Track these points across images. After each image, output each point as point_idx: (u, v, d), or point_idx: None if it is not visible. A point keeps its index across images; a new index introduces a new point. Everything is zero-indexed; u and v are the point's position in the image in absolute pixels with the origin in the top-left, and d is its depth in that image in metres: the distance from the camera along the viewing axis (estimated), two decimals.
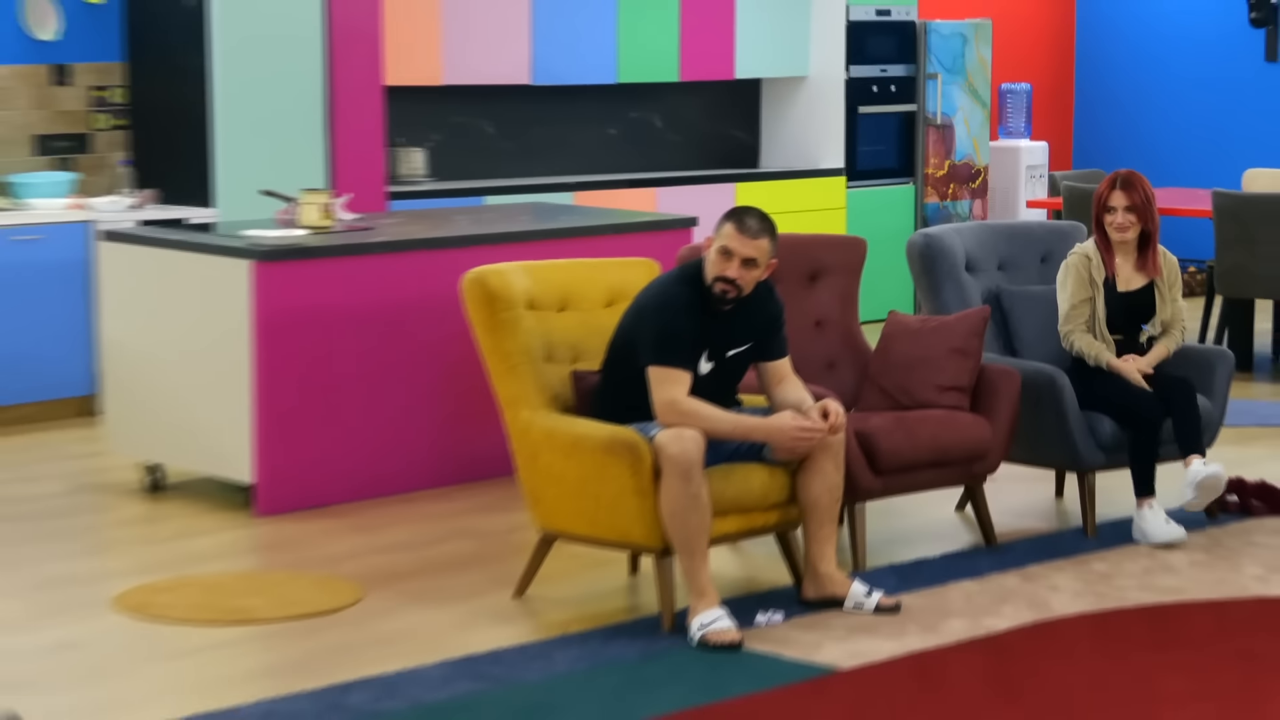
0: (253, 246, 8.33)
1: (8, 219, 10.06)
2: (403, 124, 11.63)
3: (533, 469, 7.02)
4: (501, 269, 7.19)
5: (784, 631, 6.72)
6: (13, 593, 7.22)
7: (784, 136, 13.58)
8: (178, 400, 8.58)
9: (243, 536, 8.07)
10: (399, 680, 6.21)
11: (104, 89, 10.91)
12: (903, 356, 7.76)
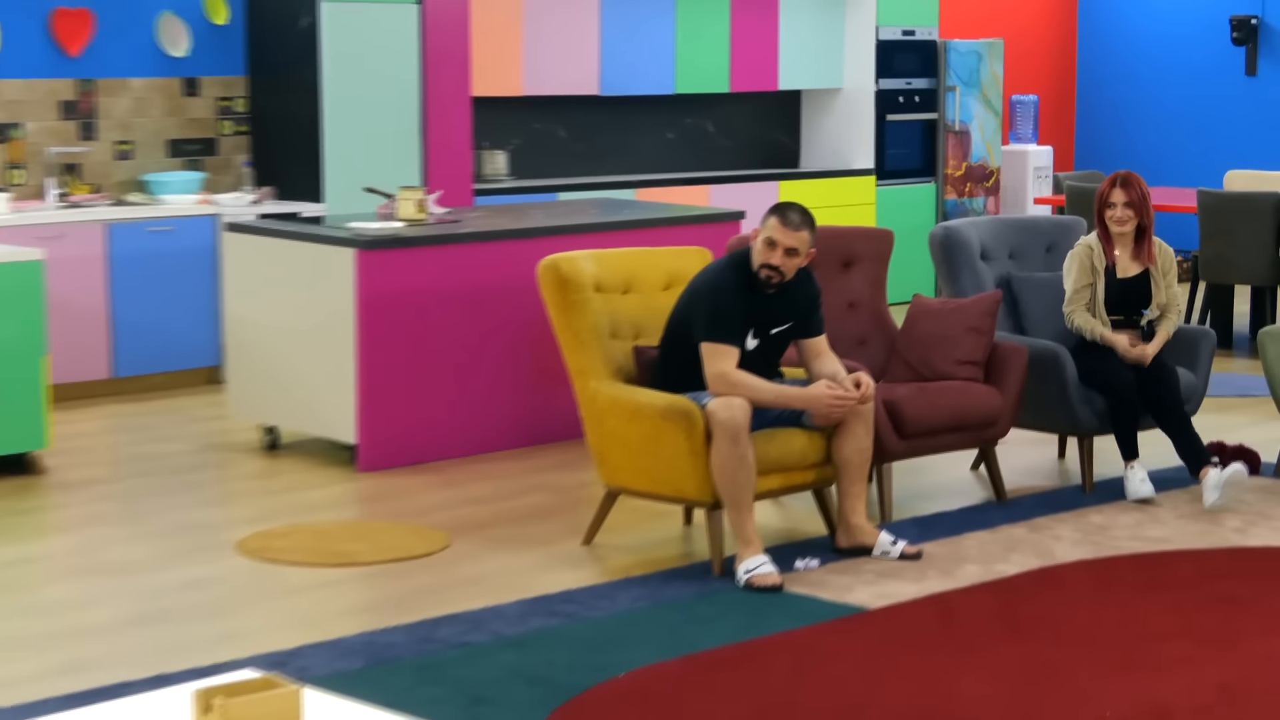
0: (356, 237, 8.34)
1: (146, 213, 10.10)
2: (487, 130, 11.63)
3: (599, 432, 7.01)
4: (572, 256, 7.18)
5: (819, 576, 6.71)
6: (149, 538, 7.24)
7: (821, 140, 13.56)
8: (291, 370, 8.59)
9: (347, 490, 8.08)
10: (482, 616, 6.21)
11: (228, 99, 10.93)
12: (925, 334, 7.75)
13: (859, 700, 5.43)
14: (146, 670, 5.65)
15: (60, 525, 7.62)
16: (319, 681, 5.38)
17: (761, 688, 5.54)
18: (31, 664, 5.78)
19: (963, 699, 5.44)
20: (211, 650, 5.85)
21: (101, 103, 10.45)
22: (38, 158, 10.22)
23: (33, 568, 6.99)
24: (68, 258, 9.66)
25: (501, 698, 5.42)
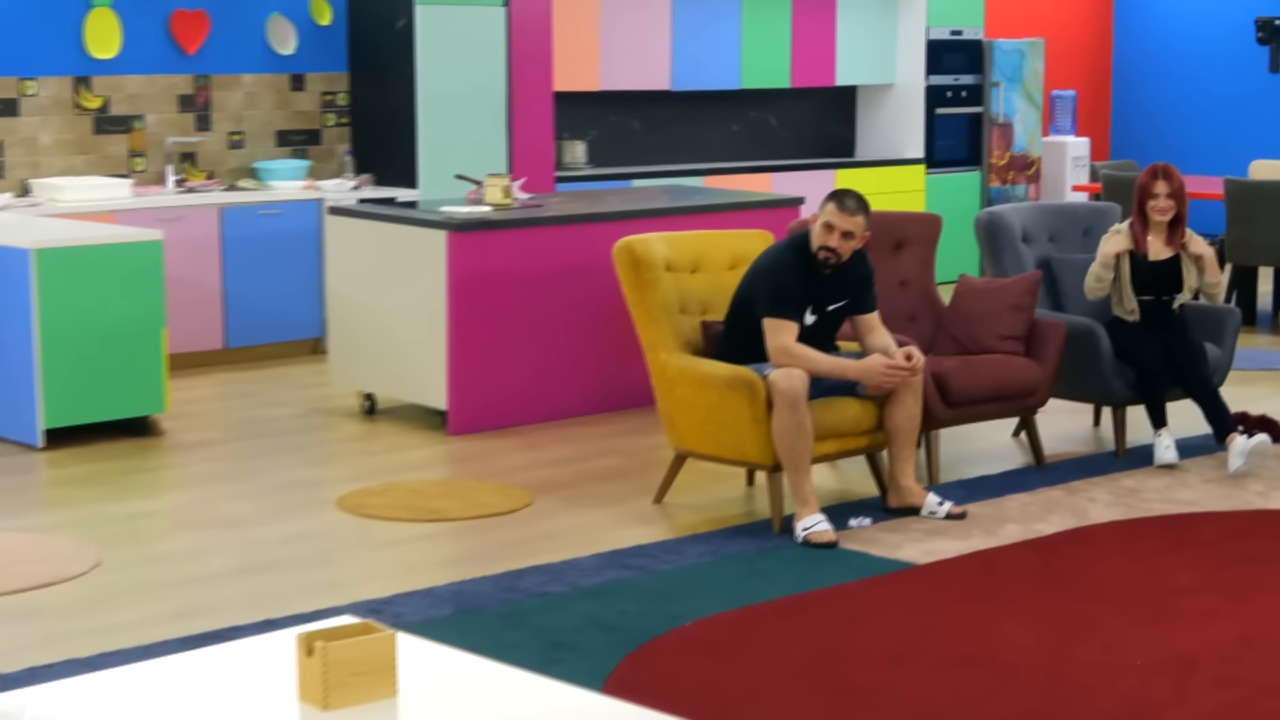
0: (448, 220, 8.35)
1: (256, 197, 10.14)
2: (567, 122, 11.62)
3: (669, 400, 7.00)
4: (645, 238, 7.18)
5: (871, 534, 6.69)
6: (258, 495, 7.27)
7: (875, 132, 13.50)
8: (387, 342, 8.61)
9: (438, 452, 8.09)
10: (561, 568, 6.21)
11: (331, 94, 10.95)
12: (970, 311, 7.72)
13: (907, 647, 5.41)
14: (254, 616, 5.68)
15: (177, 483, 7.67)
16: (411, 627, 5.40)
17: (817, 635, 5.53)
18: (151, 609, 5.82)
19: (1003, 646, 5.42)
20: (314, 598, 5.88)
21: (216, 96, 10.49)
22: (158, 147, 10.27)
23: (152, 521, 7.03)
24: (185, 238, 9.71)
25: (578, 643, 5.43)
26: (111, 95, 10.10)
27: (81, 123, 10.02)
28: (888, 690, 5.07)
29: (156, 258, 8.27)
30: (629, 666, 5.23)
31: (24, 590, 5.99)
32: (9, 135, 9.76)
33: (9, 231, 8.27)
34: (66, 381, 8.01)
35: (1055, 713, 4.89)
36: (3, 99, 9.72)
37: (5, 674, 5.09)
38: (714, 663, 5.31)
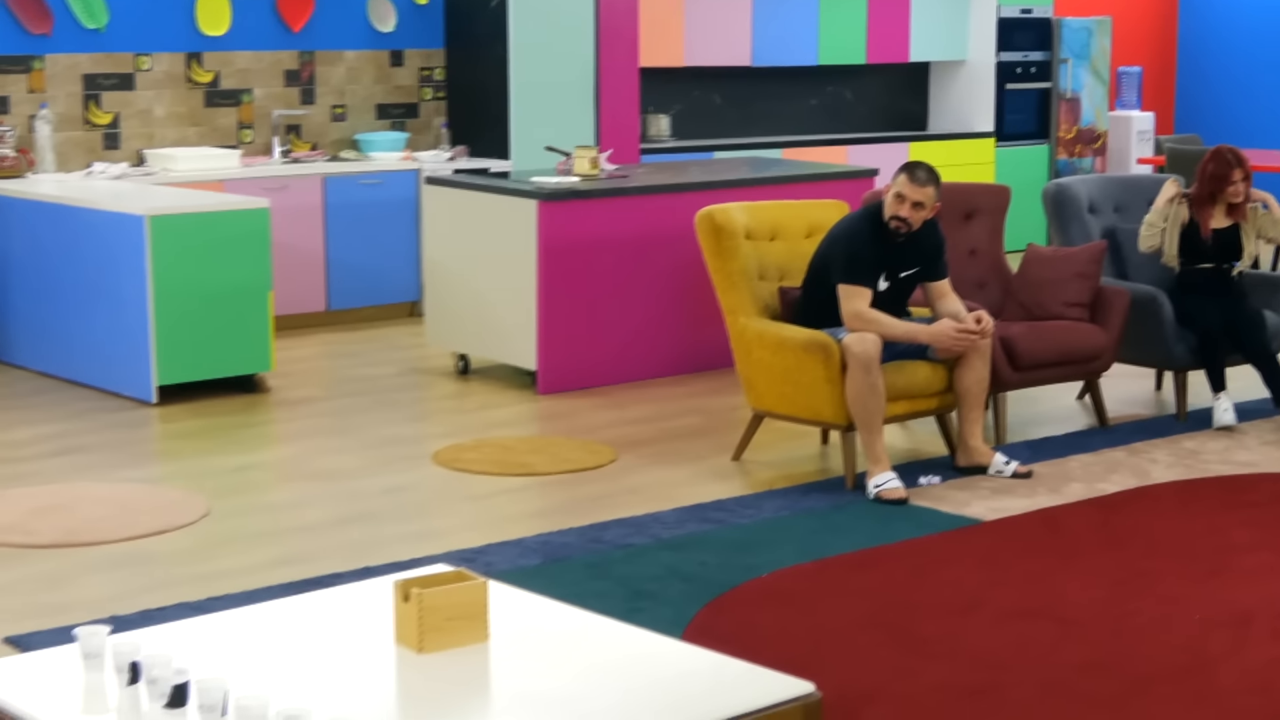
0: (538, 189, 8.36)
1: (357, 167, 10.18)
2: (652, 96, 11.60)
3: (747, 362, 6.99)
4: (726, 208, 7.16)
5: (940, 491, 6.66)
6: (358, 449, 7.31)
7: (947, 106, 13.39)
8: (481, 305, 8.63)
9: (527, 410, 8.11)
10: (644, 521, 6.22)
11: (429, 69, 10.97)
12: (1037, 278, 7.67)
13: (974, 600, 5.39)
14: (354, 563, 5.71)
15: (281, 437, 7.73)
16: (501, 576, 5.41)
17: (887, 587, 5.52)
18: (257, 556, 5.87)
19: (1066, 600, 5.39)
20: (409, 547, 5.91)
21: (320, 71, 10.54)
22: (265, 119, 10.33)
23: (258, 473, 7.09)
24: (290, 206, 9.76)
25: (659, 592, 5.43)
26: (221, 70, 10.16)
27: (193, 96, 10.09)
28: (954, 640, 5.05)
29: (263, 224, 8.32)
30: (707, 615, 5.23)
31: (137, 538, 6.05)
32: (125, 108, 9.84)
33: (125, 199, 8.35)
34: (178, 341, 8.08)
35: (1115, 664, 4.86)
36: (120, 74, 9.80)
37: (120, 616, 5.15)
38: (788, 612, 5.31)
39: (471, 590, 3.70)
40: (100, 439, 7.46)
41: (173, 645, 3.68)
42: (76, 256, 8.39)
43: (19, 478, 6.82)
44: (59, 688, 3.50)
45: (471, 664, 3.61)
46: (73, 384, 8.46)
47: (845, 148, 12.21)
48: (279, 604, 4.05)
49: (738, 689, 3.49)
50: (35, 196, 8.67)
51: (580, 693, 3.46)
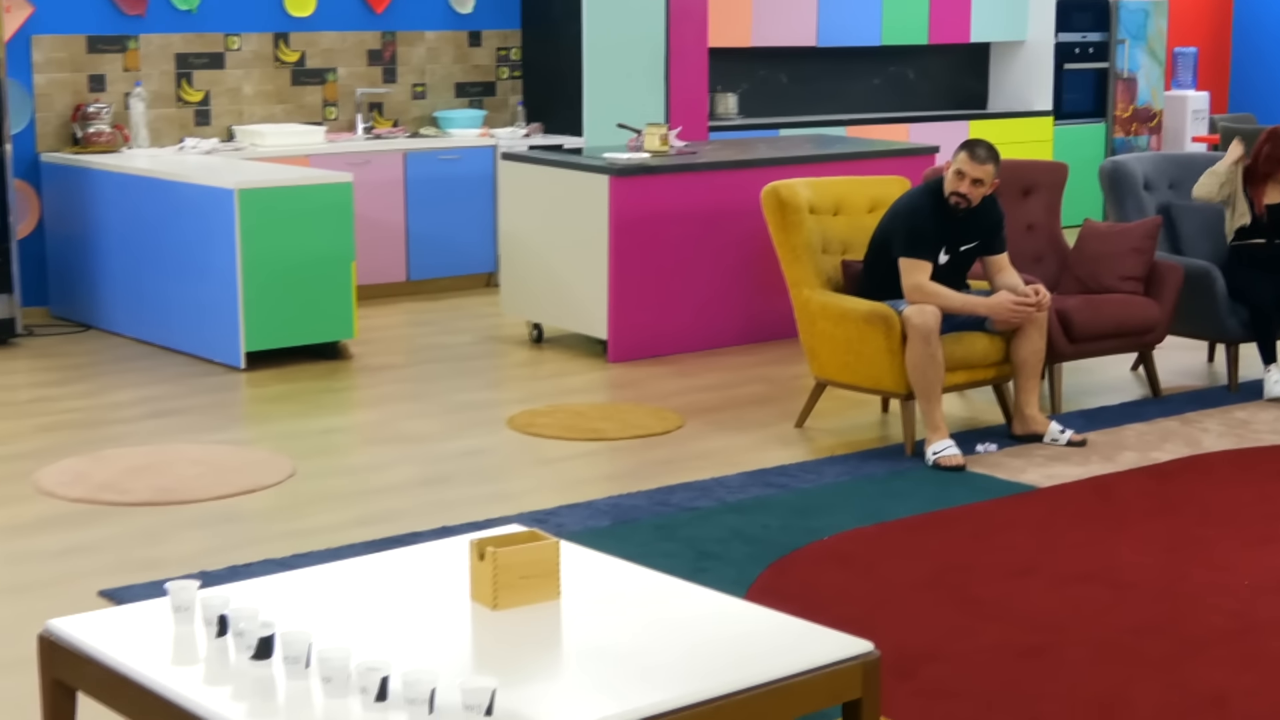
0: (610, 165, 8.35)
1: (436, 143, 10.20)
2: (720, 75, 11.57)
3: (810, 332, 6.97)
4: (791, 183, 7.14)
5: (997, 458, 6.63)
6: (436, 414, 7.34)
7: (1007, 86, 13.28)
8: (554, 276, 8.64)
9: (598, 377, 8.12)
10: (709, 485, 6.22)
11: (505, 49, 10.98)
12: (1093, 253, 7.61)
13: (1029, 563, 5.37)
14: (432, 523, 5.74)
15: (364, 402, 7.76)
16: (573, 536, 5.43)
17: (945, 551, 5.50)
18: (340, 515, 5.91)
19: (1119, 565, 5.36)
20: (485, 508, 5.93)
21: (401, 51, 10.56)
22: (349, 97, 10.36)
23: (341, 436, 7.13)
24: (372, 181, 9.80)
25: (724, 553, 5.43)
26: (307, 50, 10.20)
27: (280, 75, 10.13)
28: (1009, 602, 5.03)
29: (347, 198, 8.35)
30: (770, 576, 5.23)
31: (227, 497, 6.10)
32: (216, 86, 9.89)
33: (215, 173, 8.40)
34: (266, 309, 8.13)
35: (1167, 627, 4.83)
36: (210, 53, 9.85)
37: (210, 571, 5.20)
38: (848, 574, 5.30)
39: (544, 550, 3.71)
40: (192, 403, 7.52)
41: (259, 599, 3.70)
42: (169, 228, 8.45)
43: (115, 439, 6.89)
44: (151, 639, 3.53)
45: (543, 620, 3.61)
46: (166, 350, 8.53)
47: (907, 125, 12.14)
48: (360, 561, 4.07)
49: (799, 647, 3.48)
50: (130, 171, 8.74)
51: (647, 648, 3.46)
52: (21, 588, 5.17)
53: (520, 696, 3.20)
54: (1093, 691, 4.36)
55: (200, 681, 3.31)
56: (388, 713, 3.11)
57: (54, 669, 3.60)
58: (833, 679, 3.43)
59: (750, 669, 3.36)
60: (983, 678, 4.46)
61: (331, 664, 3.19)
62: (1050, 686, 4.40)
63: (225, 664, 3.38)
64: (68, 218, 9.15)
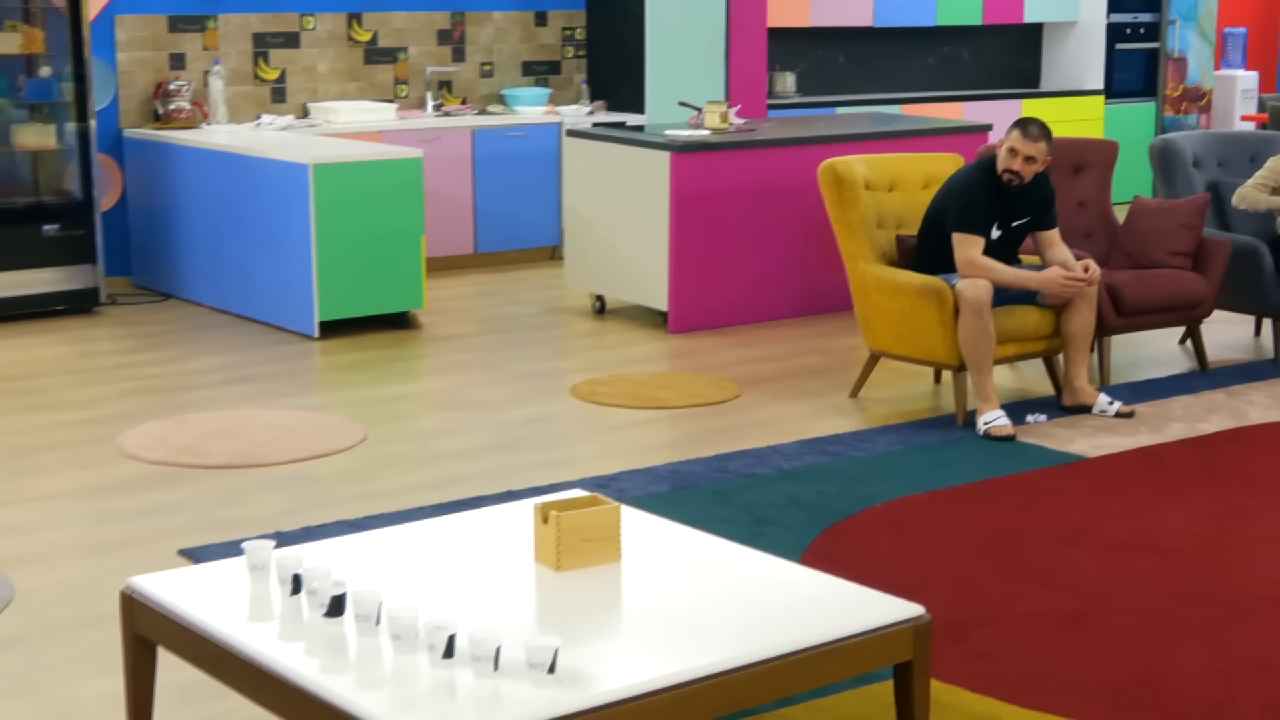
0: (671, 142, 8.33)
1: (503, 120, 10.20)
2: (779, 54, 11.51)
3: (865, 305, 6.94)
4: (847, 160, 7.10)
5: (1046, 429, 6.59)
6: (502, 382, 7.36)
7: (1059, 65, 13.16)
8: (616, 249, 8.63)
9: (659, 347, 8.11)
10: (766, 452, 6.21)
11: (571, 29, 10.96)
12: (1143, 229, 7.54)
13: (1077, 530, 5.34)
14: (498, 487, 5.75)
15: (433, 370, 7.79)
16: (633, 501, 5.43)
17: (995, 518, 5.48)
18: (409, 479, 5.93)
19: (1165, 533, 5.32)
20: (549, 473, 5.94)
21: (469, 31, 10.56)
22: (419, 75, 10.38)
23: (411, 403, 7.15)
24: (441, 156, 9.81)
25: (780, 519, 5.43)
26: (379, 29, 10.21)
27: (353, 53, 10.15)
28: (1058, 569, 5.00)
29: (417, 173, 8.37)
30: (825, 541, 5.22)
31: (301, 460, 6.14)
32: (291, 64, 9.93)
33: (290, 149, 8.43)
34: (338, 280, 8.16)
35: (1212, 594, 4.79)
36: (286, 32, 9.88)
37: (284, 532, 5.23)
38: (901, 540, 5.28)
39: (606, 514, 3.71)
40: (267, 369, 7.57)
41: (332, 559, 3.72)
42: (246, 202, 8.49)
43: (194, 404, 6.94)
44: (228, 597, 3.56)
45: (604, 582, 3.62)
46: (243, 319, 8.58)
47: (961, 104, 12.05)
48: (429, 523, 4.09)
49: (852, 610, 3.48)
50: (209, 146, 8.78)
51: (705, 610, 3.47)
52: (105, 546, 5.22)
53: (582, 655, 3.21)
54: (1138, 656, 4.34)
55: (274, 638, 3.33)
56: (454, 669, 3.13)
57: (135, 624, 3.64)
58: (885, 641, 3.43)
59: (805, 631, 3.36)
60: (1031, 642, 4.44)
61: (401, 622, 3.21)
62: (1096, 651, 4.38)
63: (299, 621, 3.40)
64: (149, 191, 9.21)
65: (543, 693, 3.04)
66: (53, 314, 8.64)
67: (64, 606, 4.70)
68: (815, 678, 3.35)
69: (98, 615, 4.56)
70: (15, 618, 4.62)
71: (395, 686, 3.09)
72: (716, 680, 3.18)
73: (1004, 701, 4.06)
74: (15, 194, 8.75)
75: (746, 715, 3.92)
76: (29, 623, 4.58)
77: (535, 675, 3.08)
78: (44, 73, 8.70)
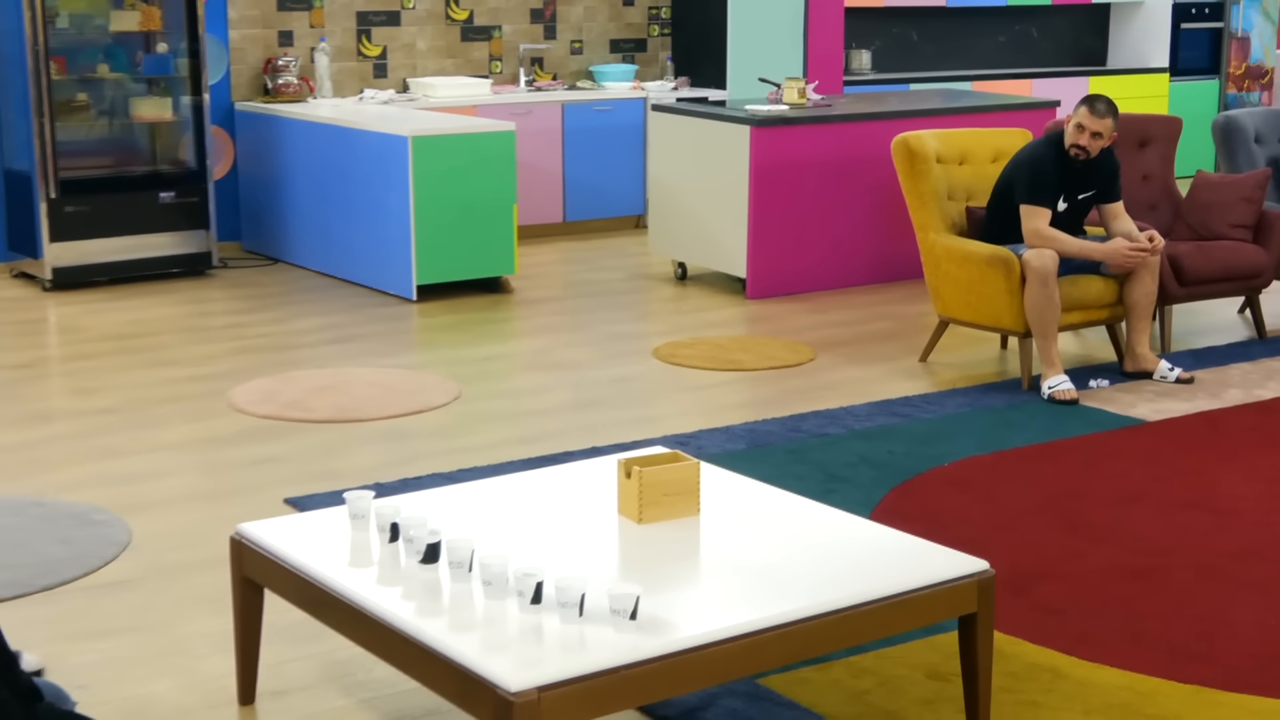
0: (751, 117, 8.29)
1: (592, 95, 10.17)
2: (855, 33, 11.42)
3: (935, 273, 6.89)
4: (920, 134, 7.04)
5: (1108, 394, 6.52)
6: (589, 344, 7.37)
7: (1125, 44, 12.97)
8: (698, 218, 8.61)
9: (737, 312, 8.09)
10: (838, 413, 6.18)
11: (656, 8, 10.91)
12: (1205, 202, 7.44)
13: (1138, 490, 5.28)
14: (583, 443, 5.77)
15: (523, 332, 7.81)
16: (711, 458, 5.43)
17: (1058, 478, 5.43)
18: (500, 434, 5.96)
19: (1222, 494, 5.26)
20: (632, 430, 5.94)
21: (560, 10, 10.54)
22: (513, 52, 10.38)
23: (503, 363, 7.18)
24: (533, 129, 9.82)
25: (852, 477, 5.41)
26: (475, 9, 10.22)
27: (451, 32, 10.17)
28: (1118, 527, 4.96)
29: (510, 145, 8.38)
30: (894, 498, 5.20)
31: (399, 416, 6.18)
32: (392, 42, 9.96)
33: (391, 122, 8.46)
34: (435, 246, 8.20)
35: (1267, 552, 4.73)
36: (388, 11, 9.91)
37: (383, 483, 5.27)
38: (967, 498, 5.25)
39: (685, 469, 3.71)
40: (368, 330, 7.62)
41: (427, 509, 3.75)
42: (349, 171, 8.54)
43: (300, 362, 7.00)
44: (330, 543, 3.59)
45: (684, 534, 3.62)
46: (345, 282, 8.64)
47: (1030, 81, 11.91)
48: (519, 476, 4.10)
49: (920, 564, 3.46)
50: (314, 119, 8.83)
51: (779, 562, 3.46)
52: (216, 495, 5.28)
53: (662, 603, 3.21)
54: (1195, 611, 4.30)
55: (373, 582, 3.36)
56: (541, 614, 3.14)
57: (244, 568, 3.68)
58: (951, 594, 3.41)
59: (874, 583, 3.35)
60: (1091, 596, 4.40)
61: (491, 569, 3.22)
62: (1154, 606, 4.34)
63: (396, 567, 3.43)
64: (259, 161, 9.29)
65: (624, 638, 3.04)
66: (168, 276, 8.74)
67: (177, 550, 4.76)
68: (883, 628, 3.34)
69: (209, 559, 4.62)
70: (132, 560, 4.69)
71: (486, 629, 3.10)
72: (789, 629, 3.18)
73: (1064, 653, 4.04)
74: (134, 163, 8.84)
75: (817, 662, 3.92)
76: (145, 565, 4.65)
77: (617, 621, 3.09)
78: (161, 49, 8.78)
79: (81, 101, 8.59)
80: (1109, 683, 3.88)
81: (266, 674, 3.88)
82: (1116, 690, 3.84)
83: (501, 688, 2.89)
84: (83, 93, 8.59)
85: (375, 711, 3.76)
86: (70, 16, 8.52)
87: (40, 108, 8.27)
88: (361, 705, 3.79)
